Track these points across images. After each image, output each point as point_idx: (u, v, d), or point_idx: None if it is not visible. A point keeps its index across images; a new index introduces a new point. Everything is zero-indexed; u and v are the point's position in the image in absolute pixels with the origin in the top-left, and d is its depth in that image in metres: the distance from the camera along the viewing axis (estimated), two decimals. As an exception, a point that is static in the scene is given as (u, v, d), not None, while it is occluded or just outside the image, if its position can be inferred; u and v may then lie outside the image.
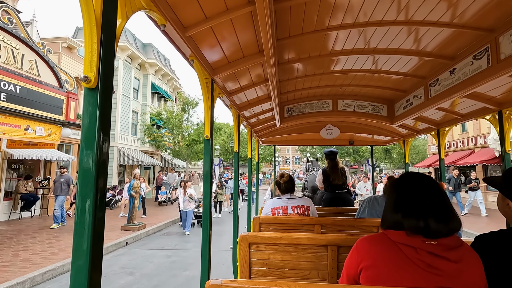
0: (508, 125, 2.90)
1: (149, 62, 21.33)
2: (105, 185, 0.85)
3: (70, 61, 14.38)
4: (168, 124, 19.04)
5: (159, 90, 22.74)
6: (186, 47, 1.69)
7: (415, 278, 1.04)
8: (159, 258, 6.77)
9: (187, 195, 9.29)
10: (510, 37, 1.94)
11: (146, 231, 9.27)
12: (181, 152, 19.60)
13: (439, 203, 1.13)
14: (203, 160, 2.05)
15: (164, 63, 25.04)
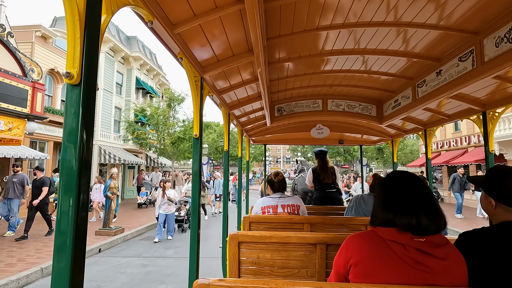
0: (492, 126, 2.98)
1: (133, 56, 20.30)
2: (88, 185, 0.83)
3: (45, 52, 13.46)
4: (151, 121, 18.04)
5: (144, 85, 21.71)
6: (174, 45, 1.67)
7: (403, 275, 1.06)
8: (133, 267, 6.07)
9: (166, 197, 8.41)
10: (494, 40, 1.99)
11: (124, 236, 8.52)
12: (166, 150, 18.73)
13: (428, 201, 1.16)
14: (192, 159, 2.03)
15: (150, 57, 23.99)
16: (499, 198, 1.25)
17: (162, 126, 18.09)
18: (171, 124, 18.61)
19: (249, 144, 5.78)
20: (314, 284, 1.13)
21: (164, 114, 18.28)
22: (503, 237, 1.19)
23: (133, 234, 9.07)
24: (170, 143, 18.20)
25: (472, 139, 17.13)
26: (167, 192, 8.49)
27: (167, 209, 8.44)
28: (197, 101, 2.01)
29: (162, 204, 8.41)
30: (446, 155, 18.86)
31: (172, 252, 7.30)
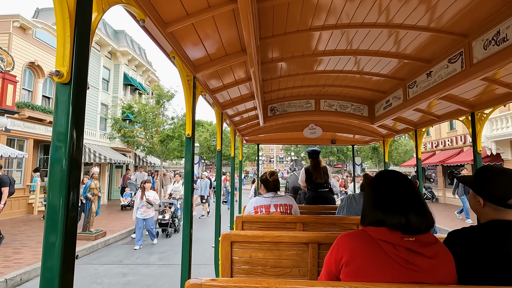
0: (480, 126, 3.04)
1: (121, 51, 19.35)
2: (78, 184, 0.82)
3: (24, 44, 12.57)
4: (138, 118, 17.05)
5: (133, 81, 20.71)
6: (167, 44, 1.66)
7: (393, 274, 1.08)
8: (111, 277, 5.49)
9: (145, 199, 7.54)
10: (482, 42, 2.04)
11: (105, 240, 7.91)
12: (154, 149, 17.81)
13: (416, 199, 1.18)
14: (184, 158, 2.02)
15: (139, 52, 22.98)
16: (487, 197, 1.28)
17: (150, 124, 17.27)
18: (159, 122, 17.72)
19: (242, 144, 5.78)
20: (306, 283, 1.14)
21: (152, 111, 17.55)
22: (491, 235, 1.22)
23: (116, 238, 8.48)
24: (159, 142, 17.43)
25: (468, 138, 16.78)
26: (146, 193, 7.63)
27: (145, 212, 7.57)
28: (189, 100, 2.00)
29: (140, 207, 7.57)
30: (441, 154, 18.65)
31: (156, 258, 6.79)
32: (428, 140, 21.22)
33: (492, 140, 13.82)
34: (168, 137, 17.31)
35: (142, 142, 18.04)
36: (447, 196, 18.37)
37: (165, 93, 17.99)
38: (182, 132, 17.13)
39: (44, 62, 13.71)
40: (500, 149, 13.78)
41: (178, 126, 17.73)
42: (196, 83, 2.16)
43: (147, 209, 7.59)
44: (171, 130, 17.64)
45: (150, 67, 24.28)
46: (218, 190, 3.32)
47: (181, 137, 17.18)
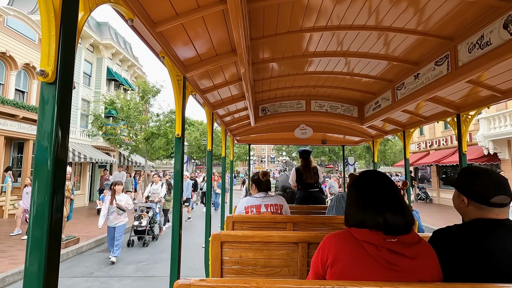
0: (465, 128, 3.12)
1: (104, 43, 18.32)
2: (63, 185, 0.81)
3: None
4: (121, 114, 15.87)
5: (117, 76, 19.56)
6: (156, 43, 1.65)
7: (375, 274, 1.10)
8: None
9: (115, 203, 6.45)
10: (467, 46, 2.09)
11: (78, 248, 7.09)
12: (138, 147, 16.63)
13: (393, 198, 1.22)
14: (174, 158, 2.01)
15: (124, 46, 21.75)
16: (471, 196, 1.32)
17: (134, 121, 16.07)
18: (144, 119, 16.45)
19: (233, 144, 5.78)
20: (294, 282, 1.15)
21: (136, 107, 16.44)
22: (473, 233, 1.26)
23: (90, 245, 7.64)
24: (143, 140, 16.34)
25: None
26: (117, 197, 6.52)
27: (115, 219, 6.49)
28: (179, 100, 1.99)
29: (110, 213, 6.48)
30: (435, 154, 18.19)
31: (132, 269, 6.04)
32: (422, 140, 20.85)
33: (490, 139, 13.38)
34: (153, 135, 16.28)
35: (126, 140, 16.88)
36: (441, 197, 18.18)
37: (150, 88, 16.93)
38: (168, 130, 16.43)
39: (17, 53, 12.78)
40: (498, 149, 13.35)
41: (164, 123, 16.86)
42: (186, 83, 2.15)
43: (118, 216, 6.50)
44: (156, 128, 16.67)
45: (136, 62, 23.12)
46: (208, 191, 3.31)
47: (167, 135, 16.42)
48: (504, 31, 1.76)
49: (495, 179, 1.28)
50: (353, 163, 13.90)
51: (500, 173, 1.37)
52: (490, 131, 13.51)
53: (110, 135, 16.58)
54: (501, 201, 1.24)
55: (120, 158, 19.99)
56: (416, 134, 21.32)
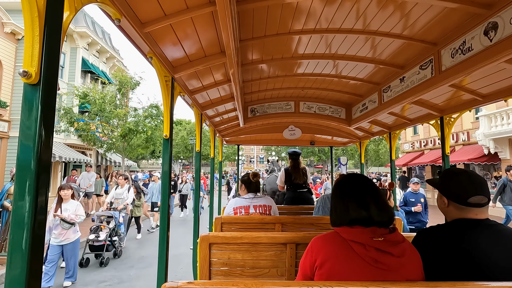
0: (448, 130, 3.21)
1: (79, 32, 16.85)
2: (46, 187, 0.80)
3: None
4: (93, 108, 14.24)
5: (93, 68, 18.04)
6: (144, 44, 1.63)
7: (363, 273, 1.13)
8: None
9: (59, 214, 4.78)
10: (450, 51, 2.16)
11: None
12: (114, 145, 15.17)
13: (376, 196, 1.28)
14: (162, 159, 1.99)
15: (102, 36, 20.27)
16: (450, 197, 1.37)
17: (108, 115, 14.40)
18: (120, 113, 14.61)
19: (222, 144, 5.76)
20: (282, 283, 1.16)
21: (112, 101, 14.87)
22: (452, 233, 1.30)
23: None
24: (120, 136, 14.81)
25: (460, 137, 15.72)
26: (63, 206, 4.87)
27: (60, 235, 4.78)
28: (167, 101, 1.97)
29: (55, 227, 4.81)
30: (430, 154, 17.37)
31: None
32: (416, 139, 20.13)
33: (490, 138, 12.66)
34: (130, 131, 14.62)
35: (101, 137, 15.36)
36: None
37: (128, 79, 15.41)
38: (147, 126, 15.29)
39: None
40: (498, 148, 12.62)
41: (143, 119, 15.46)
42: (174, 84, 2.13)
43: (63, 231, 4.80)
44: (134, 123, 14.95)
45: (116, 54, 21.49)
46: (196, 192, 3.29)
47: (147, 131, 15.27)
48: (484, 38, 1.82)
49: (473, 180, 1.33)
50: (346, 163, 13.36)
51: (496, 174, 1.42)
52: (491, 129, 12.72)
53: (82, 132, 14.85)
54: (478, 201, 1.29)
55: (97, 157, 18.61)
56: (410, 133, 21.09)
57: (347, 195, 1.32)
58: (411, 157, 19.69)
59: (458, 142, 15.96)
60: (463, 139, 15.69)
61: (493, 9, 1.75)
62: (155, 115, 15.86)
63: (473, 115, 15.00)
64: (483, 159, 13.42)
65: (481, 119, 13.42)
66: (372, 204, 1.24)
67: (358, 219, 1.23)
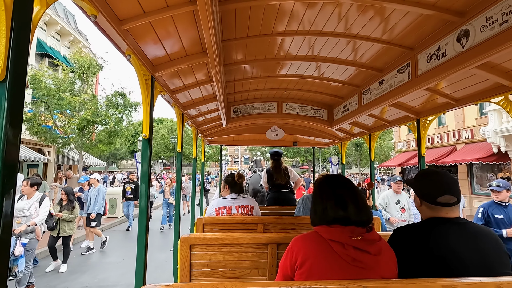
0: (424, 132, 3.33)
1: None
2: (13, 188, 0.76)
3: None
4: (38, 92, 11.72)
5: (52, 52, 15.69)
6: (122, 41, 1.59)
7: (341, 271, 1.15)
8: None
9: None
10: (425, 56, 2.24)
11: None
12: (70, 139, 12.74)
13: (355, 196, 1.31)
14: (141, 160, 1.95)
15: (64, 15, 18.04)
16: (422, 196, 1.43)
17: (59, 103, 11.76)
18: (74, 100, 11.95)
19: (204, 145, 5.71)
20: (262, 284, 1.16)
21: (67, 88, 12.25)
22: (425, 230, 1.35)
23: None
24: (77, 129, 12.40)
25: (463, 134, 14.16)
26: None
27: None
28: (147, 100, 1.93)
29: None
30: (428, 153, 15.62)
31: None
32: (410, 138, 18.38)
33: (501, 135, 11.37)
34: (89, 123, 12.16)
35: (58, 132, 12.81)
36: None
37: (88, 61, 13.29)
38: (109, 117, 12.77)
39: None
40: (510, 146, 11.37)
41: (105, 109, 13.01)
42: (154, 83, 2.09)
43: None
44: (92, 113, 12.31)
45: (82, 39, 18.95)
46: (177, 193, 3.24)
47: (109, 123, 12.98)
48: (457, 44, 1.91)
49: (442, 180, 1.39)
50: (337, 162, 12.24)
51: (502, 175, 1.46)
52: (502, 125, 11.33)
53: (29, 123, 12.15)
54: (447, 201, 1.35)
55: (57, 155, 15.94)
56: (404, 131, 19.33)
57: (326, 195, 1.34)
58: (406, 157, 17.95)
59: (460, 140, 14.34)
60: (466, 136, 14.11)
61: (466, 17, 1.84)
62: (122, 106, 13.55)
63: (477, 110, 13.63)
64: (491, 159, 12.06)
65: (490, 114, 11.84)
66: (350, 204, 1.27)
67: (336, 218, 1.25)
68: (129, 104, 13.74)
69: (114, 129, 13.52)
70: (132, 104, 13.92)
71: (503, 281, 1.08)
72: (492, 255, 1.26)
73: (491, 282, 1.07)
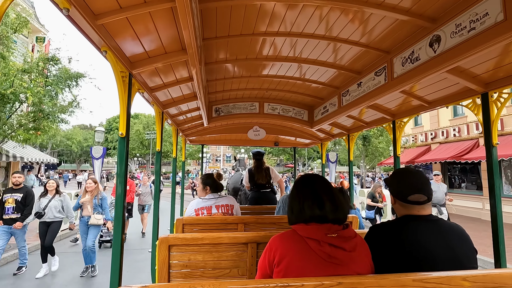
0: (399, 133, 3.45)
1: None
2: None
3: None
4: None
5: None
6: (97, 37, 1.53)
7: (317, 268, 1.18)
8: None
9: None
10: (400, 60, 2.32)
11: None
12: None
13: (331, 194, 1.35)
14: (117, 159, 1.89)
15: None
16: (395, 195, 1.49)
17: None
18: None
19: (185, 144, 5.63)
20: (239, 282, 1.16)
21: None
22: (397, 227, 1.41)
23: None
24: None
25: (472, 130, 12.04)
26: None
27: None
28: (124, 98, 1.88)
29: None
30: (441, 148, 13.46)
31: None
32: (419, 131, 15.91)
33: None
34: (3, 98, 7.99)
35: None
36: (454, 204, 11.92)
37: None
38: (29, 89, 8.11)
39: None
40: None
41: (19, 77, 8.31)
42: (132, 80, 2.03)
43: None
44: (7, 81, 8.01)
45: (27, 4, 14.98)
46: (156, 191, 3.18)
47: (29, 98, 7.97)
48: (429, 49, 1.99)
49: (413, 180, 1.45)
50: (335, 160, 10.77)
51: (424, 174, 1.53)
52: None
53: None
54: (417, 199, 1.41)
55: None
56: (410, 124, 16.45)
57: (303, 194, 1.37)
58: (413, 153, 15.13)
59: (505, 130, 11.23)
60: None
61: (437, 23, 1.92)
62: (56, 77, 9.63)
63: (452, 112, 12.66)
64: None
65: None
66: (327, 202, 1.30)
67: (313, 217, 1.28)
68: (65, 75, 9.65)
69: (39, 107, 9.05)
70: (72, 75, 9.73)
71: (468, 275, 1.15)
72: (460, 250, 1.33)
73: (458, 276, 1.14)
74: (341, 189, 1.43)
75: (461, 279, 1.13)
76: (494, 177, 2.12)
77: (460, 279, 1.13)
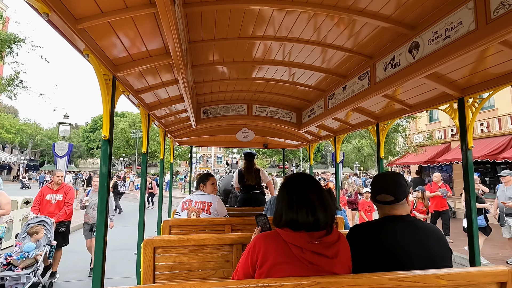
0: (382, 136, 3.53)
1: None
2: None
3: None
4: None
5: None
6: (78, 40, 1.53)
7: (298, 273, 1.20)
8: None
9: None
10: (382, 65, 2.39)
11: None
12: None
13: (322, 198, 1.32)
14: (100, 160, 1.89)
15: None
16: (371, 197, 1.54)
17: None
18: None
19: (173, 145, 5.61)
20: (220, 283, 1.18)
21: None
22: (374, 227, 1.46)
23: None
24: None
25: None
26: None
27: None
28: (107, 101, 1.87)
29: None
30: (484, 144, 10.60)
31: None
32: (435, 127, 13.67)
33: None
34: None
35: None
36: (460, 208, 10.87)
37: None
38: None
39: None
40: None
41: None
42: (116, 83, 2.03)
43: None
44: None
45: None
46: (142, 194, 3.17)
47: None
48: (409, 55, 2.05)
49: (382, 181, 1.51)
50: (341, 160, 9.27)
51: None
52: None
53: None
54: (383, 199, 1.46)
55: None
56: (424, 120, 14.59)
57: (289, 196, 1.34)
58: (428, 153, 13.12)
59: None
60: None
61: (416, 30, 1.99)
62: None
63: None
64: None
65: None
66: (312, 204, 1.27)
67: (295, 221, 1.26)
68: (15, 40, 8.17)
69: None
70: (2, 39, 7.82)
71: (442, 273, 1.20)
72: (434, 249, 1.38)
73: (431, 274, 1.19)
74: (328, 190, 1.42)
75: (435, 277, 1.18)
76: (470, 178, 2.20)
77: (434, 277, 1.18)
